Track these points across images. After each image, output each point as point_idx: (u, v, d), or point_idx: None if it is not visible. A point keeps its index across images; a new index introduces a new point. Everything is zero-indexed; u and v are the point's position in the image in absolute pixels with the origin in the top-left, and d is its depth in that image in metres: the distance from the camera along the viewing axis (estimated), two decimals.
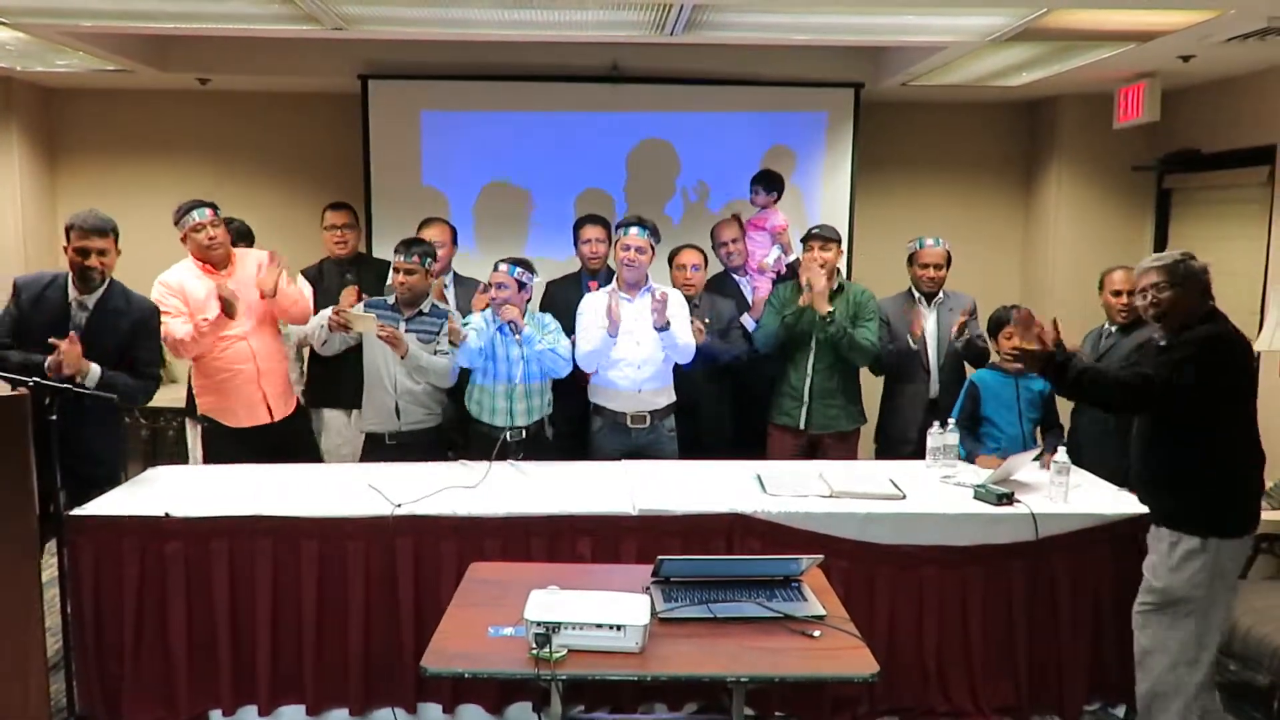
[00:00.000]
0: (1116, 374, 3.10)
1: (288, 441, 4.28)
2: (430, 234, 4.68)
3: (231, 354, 4.17)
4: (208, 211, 4.18)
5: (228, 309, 3.99)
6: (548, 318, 4.30)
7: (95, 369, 3.62)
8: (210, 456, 4.29)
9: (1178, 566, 3.06)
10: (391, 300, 4.25)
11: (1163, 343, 3.15)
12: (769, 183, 5.16)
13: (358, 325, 4.08)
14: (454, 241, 4.89)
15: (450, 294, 4.77)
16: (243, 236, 4.71)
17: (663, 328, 4.12)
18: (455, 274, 4.87)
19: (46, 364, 3.49)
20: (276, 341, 4.35)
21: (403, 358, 4.09)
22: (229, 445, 4.20)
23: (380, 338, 4.03)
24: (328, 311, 4.16)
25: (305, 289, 4.50)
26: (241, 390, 4.19)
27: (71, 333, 3.56)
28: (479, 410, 4.18)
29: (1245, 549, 3.11)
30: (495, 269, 4.14)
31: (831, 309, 4.33)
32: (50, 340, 3.50)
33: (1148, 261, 3.14)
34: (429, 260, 4.22)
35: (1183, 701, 3.09)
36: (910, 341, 4.55)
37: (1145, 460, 3.20)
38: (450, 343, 4.09)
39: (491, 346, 4.12)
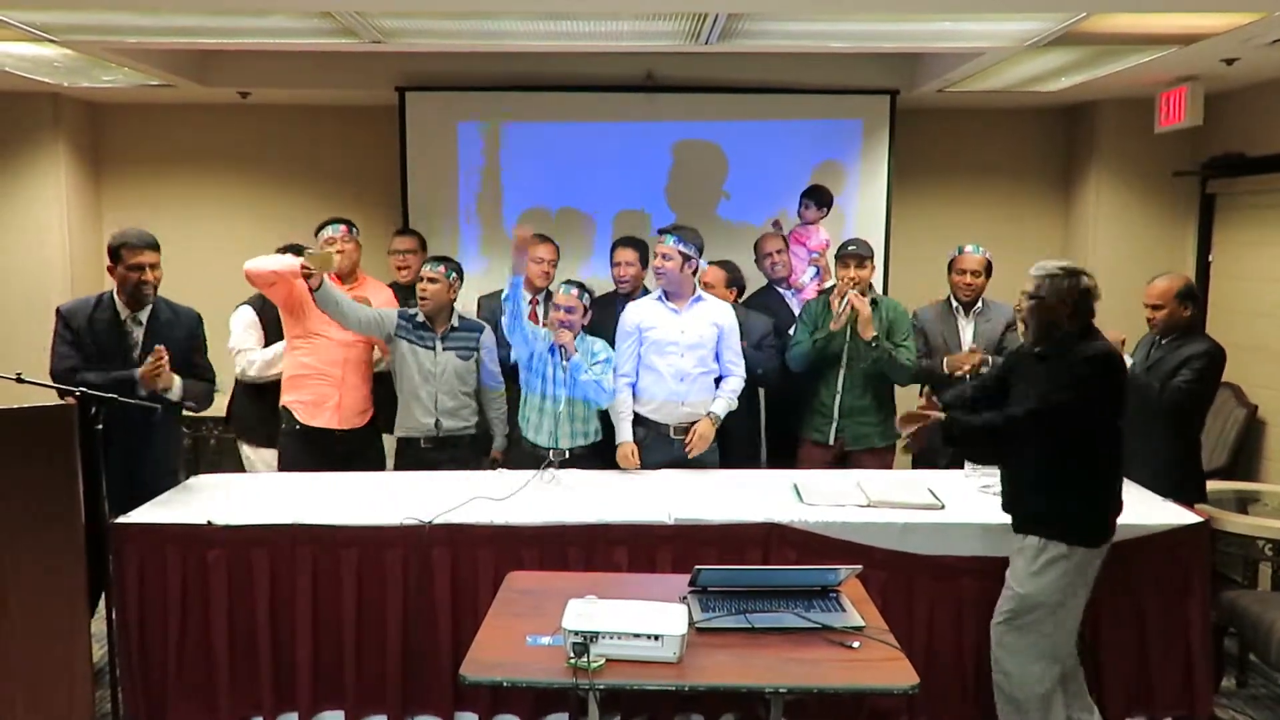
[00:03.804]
0: (1009, 413, 3.13)
1: (354, 450, 4.35)
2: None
3: (322, 355, 4.28)
4: (341, 227, 4.39)
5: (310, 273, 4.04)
6: (599, 344, 4.22)
7: (178, 380, 3.75)
8: (282, 449, 4.40)
9: (1040, 571, 3.12)
10: (421, 317, 4.26)
11: (1036, 350, 3.21)
12: (820, 198, 5.14)
13: (318, 265, 4.01)
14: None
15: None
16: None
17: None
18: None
19: (139, 374, 3.61)
20: (365, 363, 4.43)
21: (315, 291, 4.02)
22: (298, 441, 4.30)
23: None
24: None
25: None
26: (319, 390, 4.28)
27: (159, 347, 3.65)
28: (525, 426, 4.18)
29: (1100, 558, 3.16)
30: (559, 292, 4.11)
31: (876, 334, 4.28)
32: (153, 352, 3.63)
33: (1034, 267, 3.20)
34: (453, 274, 4.27)
35: (1042, 705, 3.15)
36: (943, 366, 4.48)
37: (1019, 469, 3.23)
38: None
39: (542, 363, 4.11)
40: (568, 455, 4.11)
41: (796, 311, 4.85)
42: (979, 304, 4.62)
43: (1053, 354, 3.14)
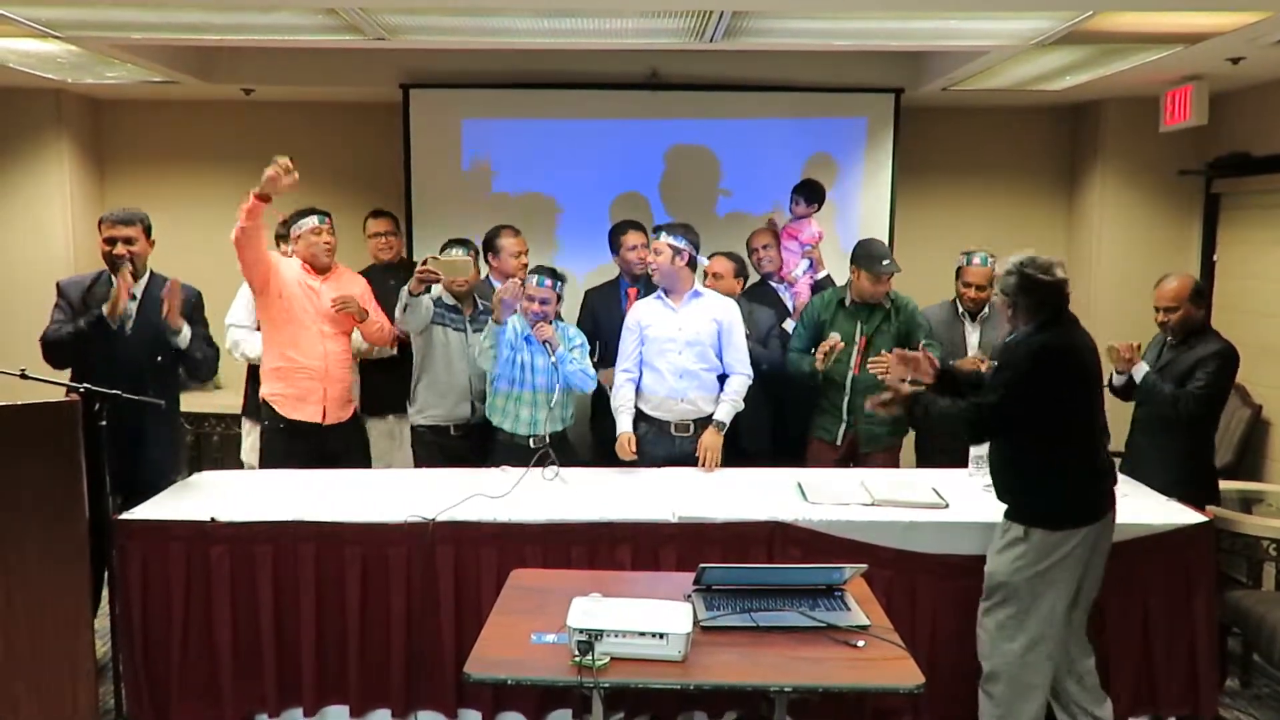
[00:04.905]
0: (955, 410, 3.23)
1: (341, 445, 4.33)
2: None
3: (305, 348, 4.21)
4: (327, 219, 4.40)
5: (357, 313, 4.24)
6: (573, 330, 4.28)
7: (188, 329, 3.84)
8: (265, 446, 4.37)
9: (1001, 550, 3.21)
10: (450, 300, 4.29)
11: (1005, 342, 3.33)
12: (810, 193, 5.13)
13: (450, 272, 4.05)
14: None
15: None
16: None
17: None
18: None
19: (165, 292, 3.76)
20: (346, 353, 4.40)
21: (413, 296, 4.10)
22: (282, 436, 4.26)
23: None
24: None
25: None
26: (302, 384, 4.23)
27: (173, 280, 3.78)
28: (502, 419, 4.16)
29: (1068, 544, 3.13)
30: (532, 283, 4.07)
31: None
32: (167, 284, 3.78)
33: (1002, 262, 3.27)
34: (477, 256, 4.40)
35: (1010, 683, 3.19)
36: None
37: (992, 455, 3.34)
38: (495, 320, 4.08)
39: (516, 354, 4.10)
40: (547, 441, 4.05)
41: (789, 304, 4.86)
42: (985, 310, 4.62)
43: (1008, 346, 3.25)
